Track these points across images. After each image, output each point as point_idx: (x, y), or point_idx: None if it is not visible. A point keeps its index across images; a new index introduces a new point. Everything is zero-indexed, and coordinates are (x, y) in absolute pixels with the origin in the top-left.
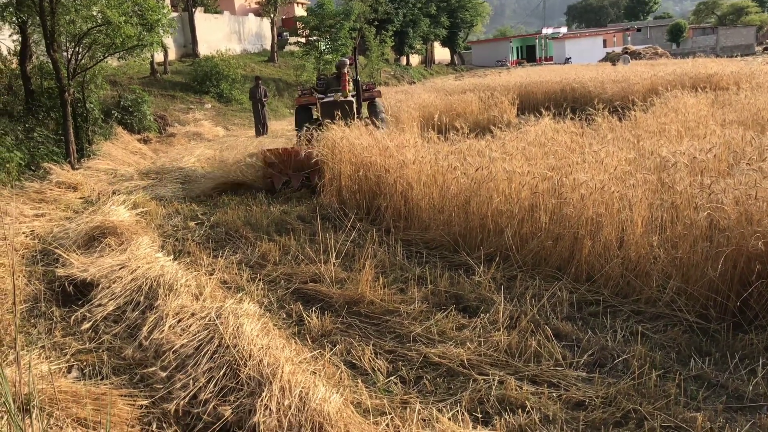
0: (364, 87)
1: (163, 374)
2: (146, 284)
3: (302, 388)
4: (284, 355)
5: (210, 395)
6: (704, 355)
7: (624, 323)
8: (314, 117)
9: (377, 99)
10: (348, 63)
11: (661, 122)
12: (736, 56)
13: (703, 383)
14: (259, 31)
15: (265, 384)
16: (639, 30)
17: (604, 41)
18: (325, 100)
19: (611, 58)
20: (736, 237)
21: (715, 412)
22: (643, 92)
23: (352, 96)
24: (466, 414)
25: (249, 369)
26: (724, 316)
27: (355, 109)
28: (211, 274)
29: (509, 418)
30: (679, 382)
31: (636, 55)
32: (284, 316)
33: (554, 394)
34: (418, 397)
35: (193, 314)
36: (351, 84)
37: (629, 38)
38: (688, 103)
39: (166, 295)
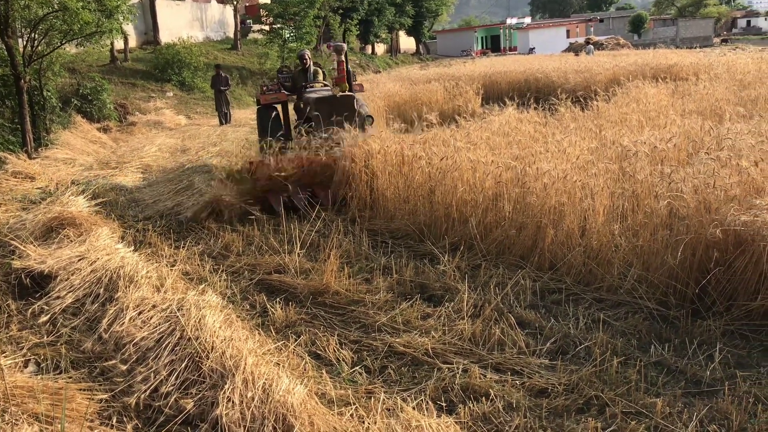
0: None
1: (124, 367)
2: (106, 276)
3: (266, 379)
4: (247, 346)
5: (172, 388)
6: (664, 341)
7: (586, 311)
8: (280, 119)
9: (357, 94)
10: (344, 48)
11: (623, 112)
12: (695, 47)
13: (662, 369)
14: (222, 18)
15: (227, 376)
16: (601, 21)
17: (568, 32)
18: (318, 95)
19: (574, 49)
20: (695, 225)
21: (674, 397)
22: (605, 82)
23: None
24: (430, 403)
25: (211, 361)
26: (683, 303)
27: (357, 106)
28: (173, 266)
29: (473, 406)
30: (639, 368)
31: (598, 46)
32: (248, 307)
33: (518, 382)
34: (382, 387)
35: (154, 306)
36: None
37: (592, 29)
38: (649, 93)
39: (126, 287)
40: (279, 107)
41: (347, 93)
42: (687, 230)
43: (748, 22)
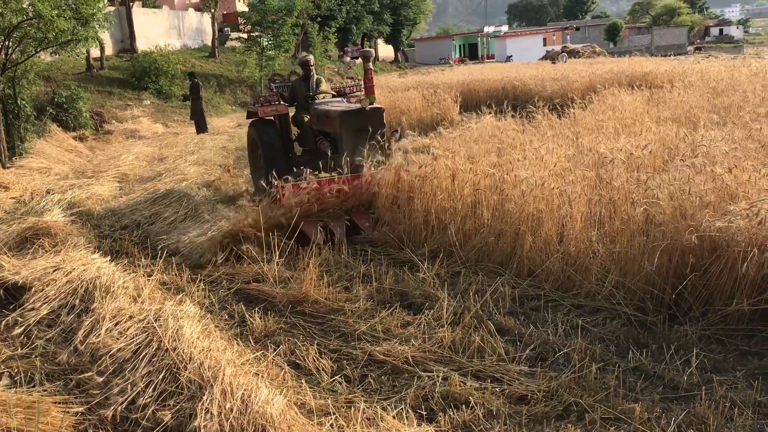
0: (347, 90)
1: (100, 379)
2: (82, 287)
3: (245, 390)
4: (226, 357)
5: (149, 400)
6: (642, 347)
7: (565, 317)
8: (279, 136)
9: None
10: (372, 55)
11: (599, 119)
12: (669, 55)
13: (640, 374)
14: (200, 26)
15: (206, 387)
16: (578, 29)
17: (544, 40)
18: (341, 108)
19: (551, 57)
20: (671, 231)
21: (652, 402)
22: (581, 90)
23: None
24: (410, 411)
25: (189, 372)
26: (660, 309)
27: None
28: (150, 276)
29: (453, 414)
30: (618, 374)
31: (575, 54)
32: (226, 317)
33: (497, 389)
34: (362, 396)
35: (131, 317)
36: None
37: (568, 37)
38: (625, 101)
39: (102, 298)
40: (276, 122)
41: (377, 105)
42: (663, 236)
43: (721, 31)
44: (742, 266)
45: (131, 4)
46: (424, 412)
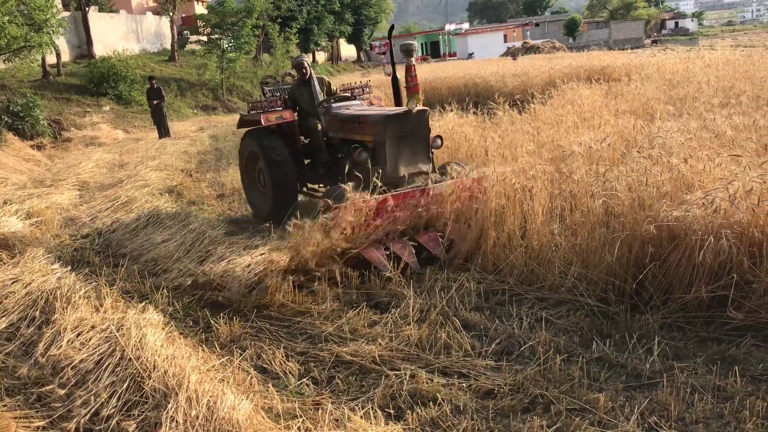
0: (356, 92)
1: (62, 392)
2: (42, 298)
3: (210, 396)
4: (191, 363)
5: (113, 410)
6: (605, 337)
7: (529, 310)
8: (287, 148)
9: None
10: (415, 48)
11: (559, 114)
12: (626, 49)
13: (604, 364)
14: (158, 29)
15: (171, 395)
16: (537, 25)
17: (505, 36)
18: (380, 112)
19: (512, 53)
20: (630, 222)
21: (615, 391)
22: (541, 85)
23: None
24: (378, 411)
25: (154, 381)
26: (622, 299)
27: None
28: (112, 285)
29: (421, 411)
30: (582, 364)
31: (535, 50)
32: (191, 323)
33: (464, 385)
34: (330, 398)
35: (93, 327)
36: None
37: (528, 33)
38: (584, 95)
39: (63, 309)
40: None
41: (422, 107)
42: (623, 227)
43: (676, 24)
44: (700, 254)
45: (87, 8)
46: (392, 411)
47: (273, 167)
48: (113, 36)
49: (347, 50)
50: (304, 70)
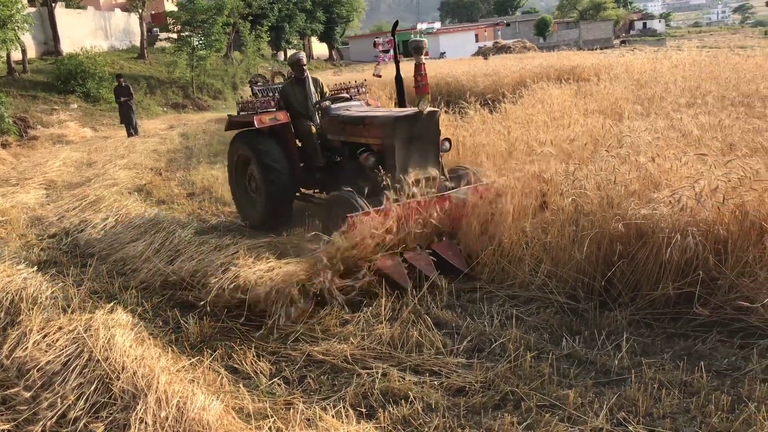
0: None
1: (28, 394)
2: (7, 299)
3: (180, 397)
4: (160, 364)
5: (80, 413)
6: (575, 334)
7: (500, 308)
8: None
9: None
10: (425, 46)
11: (529, 113)
12: (596, 49)
13: (574, 361)
14: (127, 26)
15: (140, 396)
16: (508, 25)
17: (476, 36)
18: (395, 112)
19: (483, 53)
20: (599, 220)
21: (585, 387)
22: (512, 85)
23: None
24: (350, 410)
25: (122, 382)
26: (591, 296)
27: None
28: (80, 285)
29: (393, 409)
30: (552, 361)
31: (506, 49)
32: (160, 323)
33: (436, 383)
34: (302, 397)
35: (60, 328)
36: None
37: (499, 33)
38: (554, 95)
39: (29, 310)
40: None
41: (433, 108)
42: (592, 225)
43: (644, 24)
44: (667, 252)
45: (53, 4)
46: (364, 410)
47: (267, 172)
48: (81, 32)
49: (319, 48)
50: (302, 68)
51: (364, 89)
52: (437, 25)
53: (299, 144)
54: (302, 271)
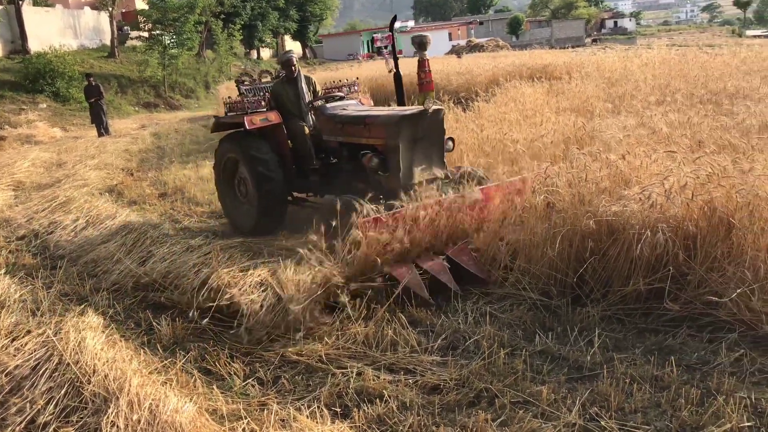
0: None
1: None
2: None
3: (152, 400)
4: (132, 367)
5: (50, 417)
6: (548, 330)
7: (474, 305)
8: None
9: None
10: (429, 41)
11: (502, 111)
12: (567, 47)
13: (547, 357)
14: (97, 25)
15: (111, 400)
16: (481, 23)
17: (450, 34)
18: (398, 111)
19: (456, 51)
20: (570, 217)
21: (558, 383)
22: (485, 83)
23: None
24: (324, 410)
25: (93, 385)
26: (564, 292)
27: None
28: (50, 287)
29: (368, 408)
30: (525, 358)
31: (479, 48)
32: (132, 325)
33: (411, 381)
34: (276, 398)
35: (29, 332)
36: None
37: (473, 31)
38: (526, 93)
39: None
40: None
41: (438, 107)
42: (564, 222)
43: (615, 23)
44: (637, 248)
45: (20, 2)
46: (339, 409)
47: (259, 176)
48: (49, 31)
49: (292, 47)
50: (292, 68)
51: (356, 87)
52: (411, 23)
53: (291, 145)
54: (312, 282)
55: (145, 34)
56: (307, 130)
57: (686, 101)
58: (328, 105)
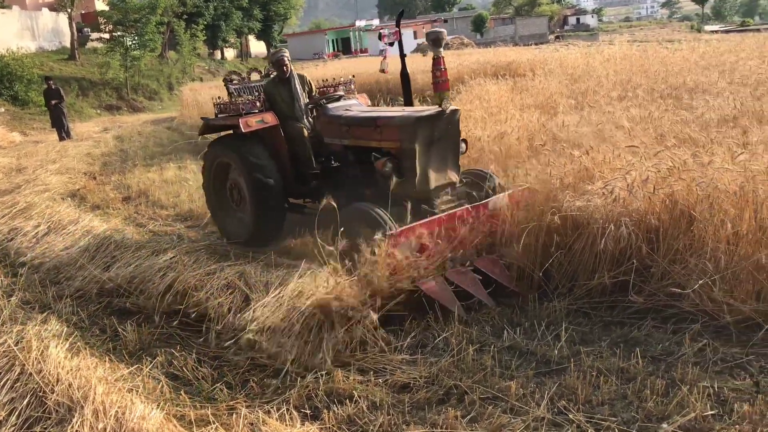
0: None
1: None
2: None
3: (118, 407)
4: (97, 374)
5: (12, 429)
6: (515, 325)
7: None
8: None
9: None
10: (444, 38)
11: (467, 109)
12: (531, 45)
13: (515, 352)
14: (56, 27)
15: (76, 409)
16: (446, 21)
17: (415, 33)
18: (414, 112)
19: (422, 49)
20: (536, 213)
21: (526, 378)
22: (450, 81)
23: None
24: (294, 412)
25: (57, 395)
26: (531, 287)
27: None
28: (11, 296)
29: (338, 409)
30: (494, 353)
31: (444, 46)
32: (97, 332)
33: (380, 380)
34: (245, 401)
35: None
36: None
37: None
38: (491, 90)
39: None
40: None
41: (454, 107)
42: (528, 218)
43: (578, 20)
44: (601, 242)
45: None
46: (309, 411)
47: (256, 182)
48: (6, 33)
49: (257, 47)
50: (284, 68)
51: (353, 86)
52: (376, 22)
53: (288, 149)
54: (331, 300)
55: (106, 36)
56: (306, 132)
57: (647, 96)
58: (329, 105)
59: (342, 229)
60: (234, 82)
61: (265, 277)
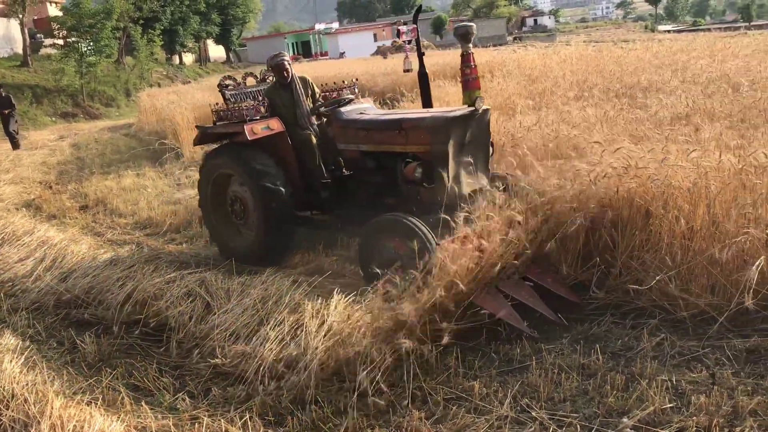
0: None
1: None
2: None
3: (77, 422)
4: (54, 388)
5: None
6: None
7: None
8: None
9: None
10: (473, 32)
11: None
12: (489, 46)
13: (478, 352)
14: (8, 33)
15: (32, 424)
16: (406, 23)
17: (375, 35)
18: (445, 113)
19: (382, 52)
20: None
21: (489, 377)
22: (411, 84)
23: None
24: (257, 420)
25: (12, 411)
26: None
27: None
28: None
29: (302, 415)
30: (457, 354)
31: (404, 48)
32: (55, 345)
33: (344, 385)
34: (207, 411)
35: None
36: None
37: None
38: (450, 92)
39: None
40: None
41: (486, 106)
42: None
43: (535, 21)
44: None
45: None
46: (273, 418)
47: (266, 192)
48: None
49: (216, 51)
50: (285, 72)
51: (356, 89)
52: (335, 25)
53: (295, 157)
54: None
55: (60, 42)
56: (314, 139)
57: (603, 96)
58: (342, 109)
59: (373, 242)
60: (229, 87)
61: (226, 284)
